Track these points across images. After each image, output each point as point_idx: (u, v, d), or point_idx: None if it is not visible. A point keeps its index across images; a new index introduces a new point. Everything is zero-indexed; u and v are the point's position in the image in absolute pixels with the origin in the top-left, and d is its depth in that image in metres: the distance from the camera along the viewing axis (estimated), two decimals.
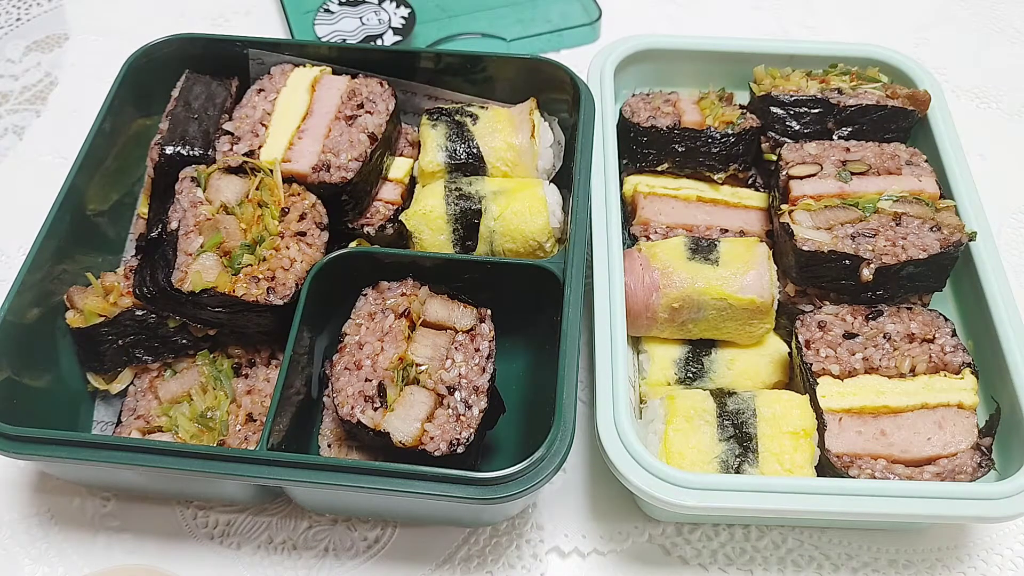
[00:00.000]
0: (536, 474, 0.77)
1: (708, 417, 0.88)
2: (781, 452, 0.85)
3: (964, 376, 0.90)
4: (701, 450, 0.86)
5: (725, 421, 0.87)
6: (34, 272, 0.91)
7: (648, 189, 1.09)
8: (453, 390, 0.86)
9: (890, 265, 0.93)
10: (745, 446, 0.86)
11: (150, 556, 0.92)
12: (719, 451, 0.86)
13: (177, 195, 0.95)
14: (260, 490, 0.91)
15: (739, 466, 0.85)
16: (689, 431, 0.87)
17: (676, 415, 0.88)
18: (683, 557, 0.93)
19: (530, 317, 0.96)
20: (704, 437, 0.87)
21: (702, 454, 0.86)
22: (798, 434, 0.85)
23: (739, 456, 0.85)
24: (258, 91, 1.06)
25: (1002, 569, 0.93)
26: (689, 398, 0.89)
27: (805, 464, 0.85)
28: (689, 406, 0.88)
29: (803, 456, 0.85)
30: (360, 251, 0.97)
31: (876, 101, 1.09)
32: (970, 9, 1.55)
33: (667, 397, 0.90)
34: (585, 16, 1.46)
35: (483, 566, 0.92)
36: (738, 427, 0.87)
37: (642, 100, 1.14)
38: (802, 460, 0.85)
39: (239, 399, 0.93)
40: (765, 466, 0.85)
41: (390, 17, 1.40)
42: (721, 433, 0.87)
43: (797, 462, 0.84)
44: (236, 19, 1.50)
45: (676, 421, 0.87)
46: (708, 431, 0.87)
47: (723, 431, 0.87)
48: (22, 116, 1.36)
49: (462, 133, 1.04)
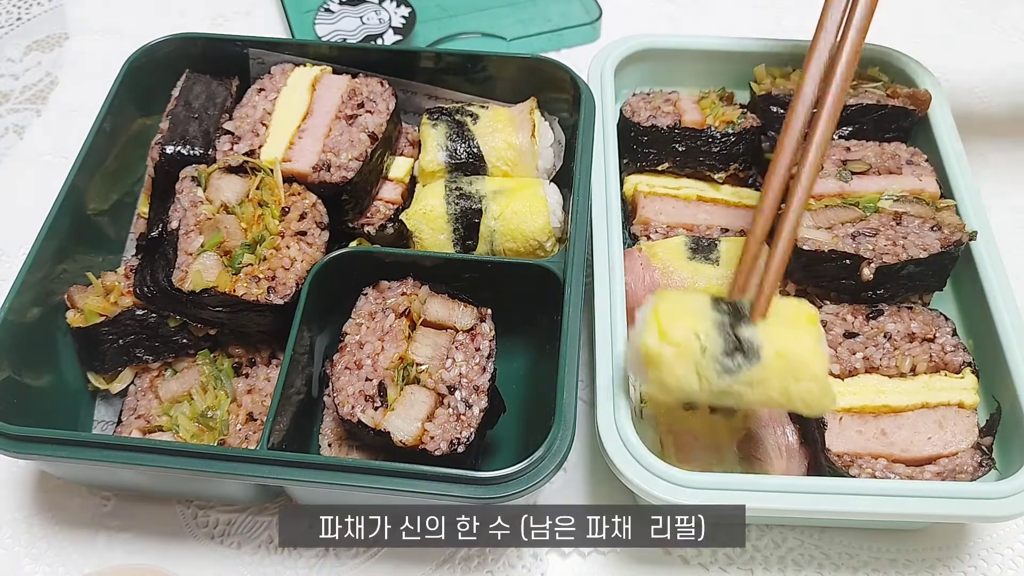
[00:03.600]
0: (536, 474, 0.77)
1: (701, 296, 0.81)
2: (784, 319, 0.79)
3: (964, 375, 0.90)
4: (694, 313, 0.78)
5: (721, 302, 0.80)
6: (34, 272, 0.91)
7: (648, 188, 1.09)
8: (453, 389, 0.86)
9: (890, 264, 0.93)
10: (740, 316, 0.79)
11: (150, 556, 0.92)
12: (714, 316, 0.78)
13: (177, 195, 0.96)
14: (260, 489, 0.91)
15: (736, 327, 0.77)
16: (680, 301, 0.80)
17: (666, 296, 0.81)
18: (683, 557, 0.93)
19: (530, 317, 0.96)
20: (697, 304, 0.79)
21: (695, 316, 0.77)
22: (800, 313, 0.79)
23: (734, 322, 0.77)
24: (258, 90, 1.06)
25: (1002, 569, 0.92)
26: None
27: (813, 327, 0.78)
28: (682, 292, 0.81)
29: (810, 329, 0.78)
30: (360, 250, 0.97)
31: (876, 101, 1.09)
32: (970, 9, 1.55)
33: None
34: (585, 15, 1.46)
35: (483, 566, 0.92)
36: (732, 305, 0.80)
37: (642, 99, 1.14)
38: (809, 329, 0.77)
39: (239, 398, 0.93)
40: (765, 327, 0.78)
41: (390, 16, 1.41)
42: (716, 306, 0.79)
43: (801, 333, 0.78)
44: (236, 19, 1.50)
45: (668, 297, 0.80)
46: (703, 301, 0.80)
47: (718, 305, 0.79)
48: (22, 116, 1.36)
49: (462, 132, 1.04)
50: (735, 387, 0.76)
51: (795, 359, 0.75)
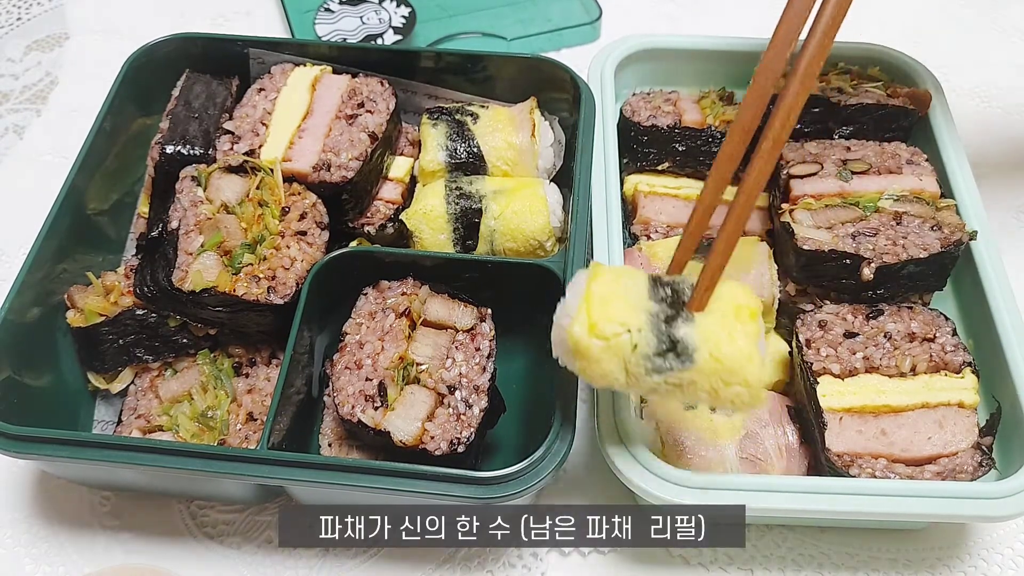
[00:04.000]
0: (536, 474, 0.77)
1: (639, 277, 0.77)
2: (723, 315, 0.74)
3: (965, 375, 0.90)
4: (628, 302, 0.73)
5: (658, 286, 0.76)
6: (35, 272, 0.91)
7: (648, 188, 1.09)
8: (454, 389, 0.86)
9: (891, 264, 0.93)
10: (677, 307, 0.74)
11: (150, 555, 0.92)
12: (649, 307, 0.74)
13: (177, 194, 0.96)
14: (260, 489, 0.91)
15: (671, 323, 0.73)
16: (615, 283, 0.75)
17: (601, 272, 0.76)
18: (684, 557, 0.92)
19: (530, 316, 0.96)
20: (633, 289, 0.75)
21: (629, 306, 0.73)
22: (741, 307, 0.74)
23: (671, 316, 0.73)
24: (258, 90, 1.06)
25: (1002, 569, 0.92)
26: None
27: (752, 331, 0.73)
28: (619, 270, 0.77)
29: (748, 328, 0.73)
30: (361, 250, 0.97)
31: (877, 100, 1.09)
32: (970, 8, 1.55)
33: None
34: (585, 15, 1.46)
35: (483, 565, 0.92)
36: (671, 290, 0.76)
37: (642, 99, 1.14)
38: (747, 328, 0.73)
39: (240, 398, 0.93)
40: (702, 324, 0.73)
41: (390, 16, 1.41)
42: (653, 293, 0.75)
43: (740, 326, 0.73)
44: (236, 19, 1.50)
45: (602, 276, 0.75)
46: (640, 284, 0.75)
47: (655, 291, 0.75)
48: (22, 116, 1.36)
49: (462, 132, 1.04)
50: (663, 386, 0.73)
51: (728, 363, 0.71)
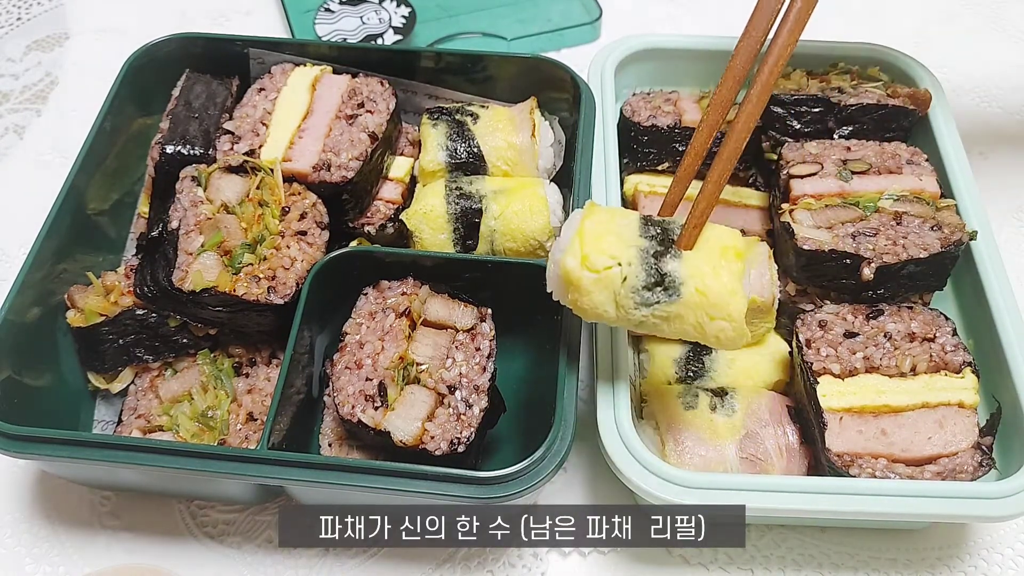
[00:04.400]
0: (536, 473, 0.77)
1: (631, 216, 0.81)
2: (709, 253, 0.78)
3: (965, 375, 0.90)
4: (620, 237, 0.78)
5: (649, 225, 0.80)
6: (35, 271, 0.91)
7: (649, 188, 1.09)
8: (454, 389, 0.86)
9: (891, 264, 0.93)
10: (667, 244, 0.79)
11: (150, 555, 0.92)
12: (640, 243, 0.78)
13: (178, 194, 0.96)
14: (260, 489, 0.91)
15: (660, 259, 0.77)
16: (608, 221, 0.79)
17: (595, 211, 0.80)
18: (684, 557, 0.93)
19: (530, 316, 0.96)
20: (625, 227, 0.79)
21: (620, 241, 0.77)
22: (727, 247, 0.79)
23: (660, 252, 0.78)
24: (259, 90, 1.06)
25: (1002, 569, 0.92)
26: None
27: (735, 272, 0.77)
28: (612, 210, 0.82)
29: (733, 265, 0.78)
30: (361, 250, 0.97)
31: (877, 100, 1.09)
32: (971, 8, 1.55)
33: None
34: (586, 15, 1.46)
35: (483, 565, 0.92)
36: (661, 228, 0.80)
37: (643, 99, 1.14)
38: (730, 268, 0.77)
39: (240, 398, 0.93)
40: (689, 260, 0.78)
41: (390, 16, 1.41)
42: (644, 231, 0.79)
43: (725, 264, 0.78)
44: (237, 18, 1.50)
45: (596, 213, 0.80)
46: (632, 223, 0.80)
47: (646, 229, 0.80)
48: (22, 116, 1.36)
49: (463, 132, 1.04)
50: (651, 319, 0.78)
51: (714, 297, 0.76)
